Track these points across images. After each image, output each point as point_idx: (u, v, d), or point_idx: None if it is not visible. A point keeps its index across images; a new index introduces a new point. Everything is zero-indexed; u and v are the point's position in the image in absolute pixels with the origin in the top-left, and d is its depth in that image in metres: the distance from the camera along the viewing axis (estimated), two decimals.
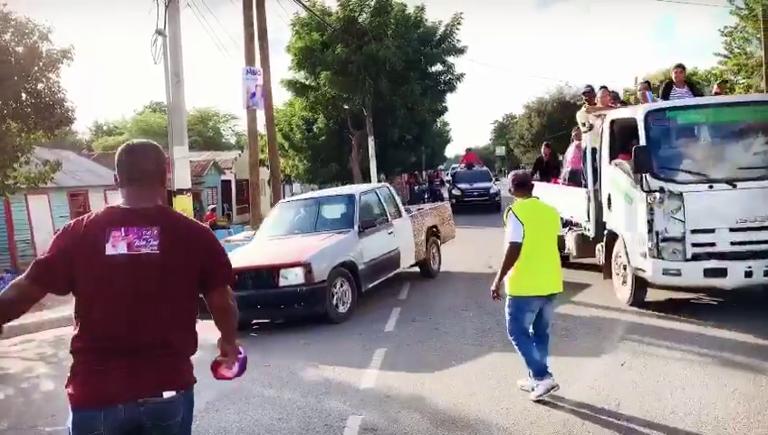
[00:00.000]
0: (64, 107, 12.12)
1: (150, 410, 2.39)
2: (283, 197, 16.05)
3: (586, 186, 9.36)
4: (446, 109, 31.79)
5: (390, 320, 8.42)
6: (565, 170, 10.95)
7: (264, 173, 23.44)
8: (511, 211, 5.21)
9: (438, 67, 27.55)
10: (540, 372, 5.14)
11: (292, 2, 27.57)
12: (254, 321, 8.87)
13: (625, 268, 7.91)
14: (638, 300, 7.85)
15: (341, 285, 8.62)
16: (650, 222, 7.11)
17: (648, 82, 10.17)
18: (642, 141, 7.37)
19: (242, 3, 15.01)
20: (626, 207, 7.82)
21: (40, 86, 11.81)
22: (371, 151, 25.66)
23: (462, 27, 26.42)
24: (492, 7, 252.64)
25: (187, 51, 11.82)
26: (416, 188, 34.10)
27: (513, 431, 4.64)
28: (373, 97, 24.59)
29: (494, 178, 29.35)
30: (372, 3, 24.57)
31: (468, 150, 30.94)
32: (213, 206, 29.36)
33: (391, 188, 11.35)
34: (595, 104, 9.78)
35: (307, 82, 26.02)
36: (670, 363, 5.87)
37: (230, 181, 38.06)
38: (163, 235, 2.45)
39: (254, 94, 14.09)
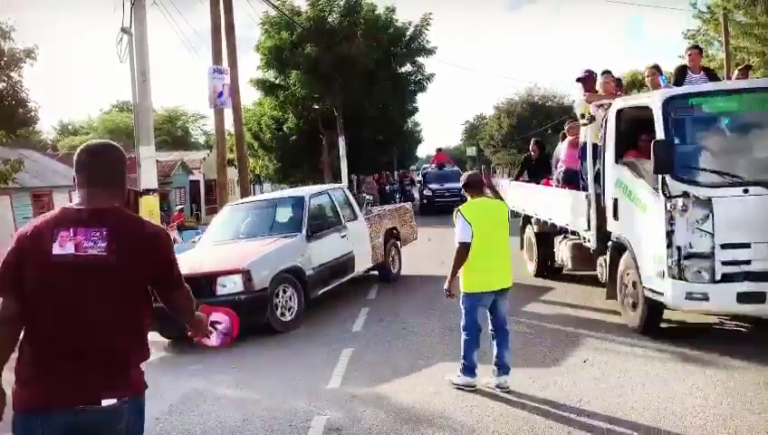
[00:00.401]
0: (27, 107, 11.89)
1: (89, 418, 2.32)
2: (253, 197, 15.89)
3: (585, 188, 7.98)
4: (416, 109, 31.93)
5: (358, 320, 8.41)
6: (558, 170, 9.59)
7: (234, 173, 23.24)
8: (459, 212, 5.42)
9: (408, 67, 27.63)
10: (470, 370, 5.43)
11: (261, 1, 27.35)
12: None
13: (635, 289, 6.58)
14: (650, 327, 6.55)
15: (286, 293, 8.20)
16: (670, 234, 5.77)
17: (657, 66, 8.54)
18: (660, 134, 5.96)
19: (209, 1, 14.86)
20: (637, 215, 6.50)
21: (1, 85, 11.56)
22: (342, 151, 25.62)
23: (431, 28, 26.59)
24: (461, 8, 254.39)
25: (155, 50, 11.74)
26: (386, 188, 34.13)
27: (476, 428, 4.68)
28: (344, 97, 24.56)
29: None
30: (342, 3, 24.53)
31: (439, 150, 30.48)
32: (181, 206, 29.01)
33: (346, 190, 10.99)
34: (595, 92, 8.35)
35: (277, 82, 25.88)
36: (631, 360, 5.98)
37: (198, 181, 37.71)
38: (112, 236, 2.39)
39: (221, 93, 13.93)
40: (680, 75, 7.98)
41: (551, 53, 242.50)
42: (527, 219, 10.64)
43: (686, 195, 5.73)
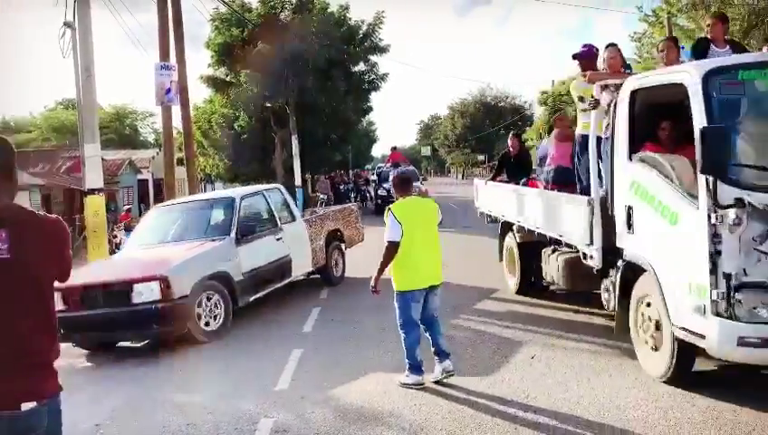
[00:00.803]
0: None
1: (9, 424, 2.23)
2: None
3: (584, 191, 6.47)
4: (370, 108, 31.90)
5: (309, 320, 8.32)
6: (547, 169, 8.23)
7: (184, 172, 22.80)
8: (390, 211, 5.48)
9: (362, 66, 27.59)
10: (416, 368, 5.48)
11: None
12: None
13: (658, 326, 5.05)
14: (682, 376, 5.01)
15: (210, 300, 7.73)
16: (715, 257, 4.33)
17: (674, 39, 7.06)
18: (700, 120, 4.49)
19: None
20: (663, 229, 4.95)
21: None
22: (295, 150, 25.40)
23: (385, 27, 26.60)
24: (414, 9, 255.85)
25: (103, 47, 11.36)
26: (341, 187, 33.98)
27: (424, 427, 4.67)
28: (296, 95, 24.34)
29: (421, 178, 28.38)
30: (294, 0, 24.34)
31: (394, 149, 29.44)
32: (128, 206, 28.27)
33: (284, 190, 10.38)
34: (597, 70, 6.80)
35: (228, 79, 25.48)
36: (577, 355, 6.07)
37: (147, 181, 36.86)
38: (13, 237, 2.28)
39: (168, 90, 13.64)
40: (701, 49, 6.11)
41: (502, 55, 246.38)
42: (507, 226, 9.14)
43: (739, 203, 4.24)
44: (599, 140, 6.12)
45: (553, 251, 7.36)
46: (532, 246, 8.06)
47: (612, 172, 5.73)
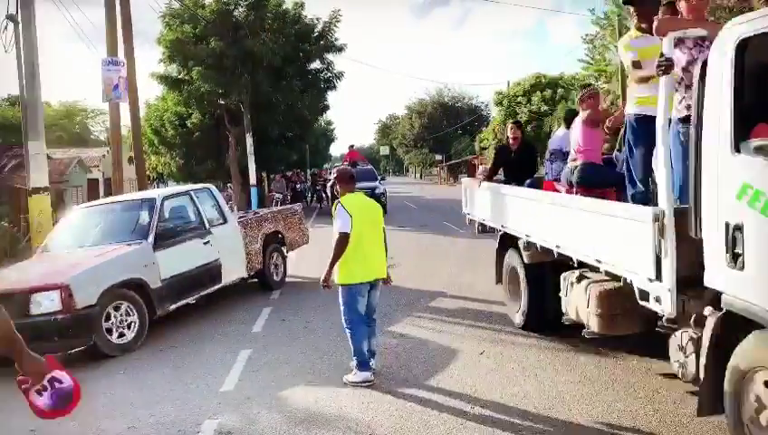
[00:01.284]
0: None
1: None
2: None
3: (640, 198, 4.72)
4: (327, 107, 31.64)
5: (259, 320, 8.19)
6: (570, 165, 6.03)
7: (134, 170, 22.29)
8: (339, 204, 5.52)
9: (318, 65, 27.36)
10: (364, 365, 5.49)
11: None
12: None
13: None
14: None
15: (119, 310, 7.15)
16: None
17: None
18: None
19: None
20: None
21: None
22: (249, 149, 25.03)
23: (342, 26, 26.51)
24: (371, 10, 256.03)
25: (50, 42, 10.95)
26: (297, 186, 33.67)
27: (372, 425, 4.62)
28: (251, 93, 24.00)
29: (380, 178, 26.70)
30: None
31: (351, 147, 28.24)
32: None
33: (215, 191, 9.69)
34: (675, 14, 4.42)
35: (180, 76, 24.96)
36: (526, 351, 6.11)
37: (98, 180, 35.93)
38: None
39: (116, 86, 13.26)
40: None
41: (459, 55, 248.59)
42: (509, 240, 7.02)
43: None
44: (686, 120, 3.99)
45: (582, 277, 5.15)
46: (546, 269, 6.15)
47: (699, 170, 3.66)
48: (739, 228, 3.31)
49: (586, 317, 4.99)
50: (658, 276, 3.91)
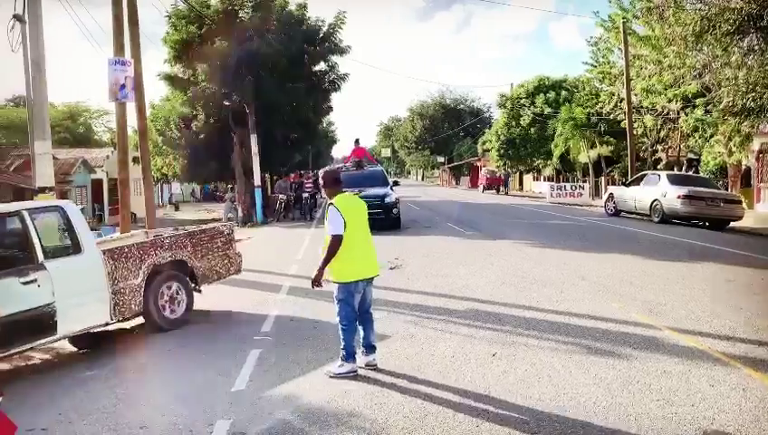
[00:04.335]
0: None
1: None
2: (160, 196, 15.17)
3: None
4: (330, 108, 31.66)
5: (268, 320, 8.14)
6: None
7: (139, 171, 22.24)
8: (332, 206, 5.66)
9: (322, 66, 27.36)
10: (352, 356, 5.70)
11: None
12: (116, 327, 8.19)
13: None
14: None
15: None
16: None
17: None
18: None
19: None
20: None
21: None
22: (254, 150, 25.01)
23: (346, 28, 26.42)
24: (376, 14, 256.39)
25: (56, 42, 10.93)
26: (307, 188, 33.30)
27: (386, 426, 4.58)
28: (255, 94, 23.99)
29: (391, 183, 20.21)
30: None
31: (357, 143, 22.76)
32: (81, 206, 27.50)
33: (70, 210, 7.16)
34: None
35: (185, 77, 24.96)
36: (538, 353, 6.07)
37: (102, 180, 35.97)
38: None
39: (123, 86, 13.24)
40: None
41: (462, 59, 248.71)
42: None
43: None
44: None
45: None
46: None
47: None
48: None
49: None
50: None
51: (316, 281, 5.66)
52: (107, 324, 7.37)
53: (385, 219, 17.18)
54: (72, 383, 6.16)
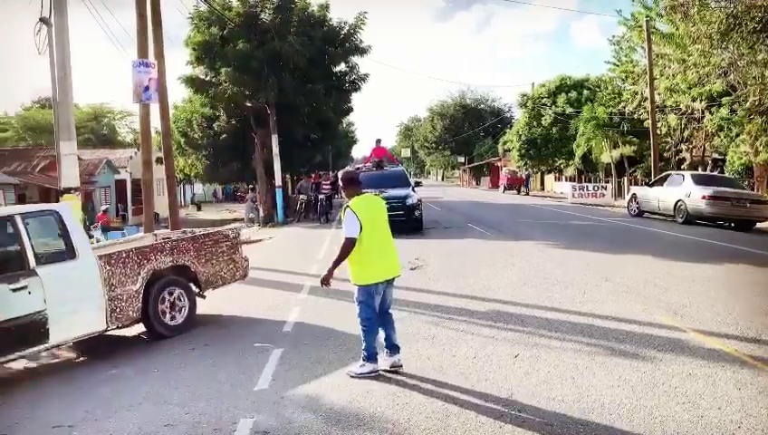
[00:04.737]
0: None
1: None
2: (182, 197, 15.31)
3: None
4: (351, 109, 31.68)
5: (289, 320, 8.19)
6: None
7: (163, 172, 22.50)
8: (348, 208, 5.63)
9: (343, 67, 27.41)
10: (374, 357, 5.72)
11: None
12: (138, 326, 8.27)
13: None
14: None
15: None
16: None
17: None
18: None
19: None
20: None
21: None
22: (275, 150, 25.14)
23: (366, 28, 26.41)
24: (395, 15, 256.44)
25: (81, 45, 11.10)
26: (324, 189, 33.37)
27: (408, 427, 4.58)
28: (277, 95, 24.12)
29: (413, 184, 19.53)
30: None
31: (378, 142, 22.22)
32: (106, 206, 27.93)
33: (64, 214, 6.98)
34: None
35: (207, 78, 25.18)
36: (561, 354, 6.03)
37: (125, 181, 36.41)
38: None
39: (147, 88, 13.40)
40: None
41: (482, 59, 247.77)
42: None
43: None
44: None
45: None
46: None
47: None
48: None
49: None
50: None
51: (325, 281, 5.71)
52: (104, 331, 7.21)
53: (406, 221, 16.68)
54: (97, 382, 6.25)
